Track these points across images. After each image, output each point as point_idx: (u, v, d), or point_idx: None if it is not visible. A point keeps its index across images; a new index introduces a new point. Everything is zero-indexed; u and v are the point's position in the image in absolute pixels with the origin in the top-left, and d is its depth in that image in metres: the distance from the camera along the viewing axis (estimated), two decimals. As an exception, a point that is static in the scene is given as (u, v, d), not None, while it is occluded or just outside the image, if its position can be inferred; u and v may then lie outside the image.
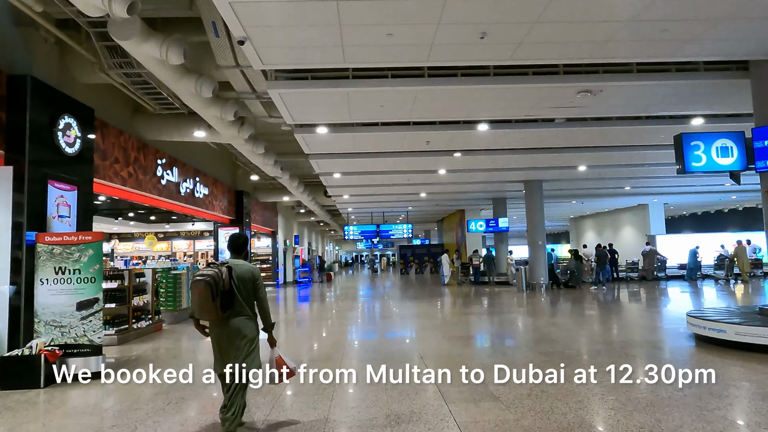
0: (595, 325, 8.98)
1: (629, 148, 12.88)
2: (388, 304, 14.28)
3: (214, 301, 3.56)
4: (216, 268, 3.67)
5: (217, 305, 3.58)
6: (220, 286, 3.58)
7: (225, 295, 3.62)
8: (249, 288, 3.81)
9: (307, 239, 36.55)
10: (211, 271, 3.63)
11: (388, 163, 13.56)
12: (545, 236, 18.04)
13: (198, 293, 3.56)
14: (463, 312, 11.70)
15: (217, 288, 3.56)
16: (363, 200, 22.13)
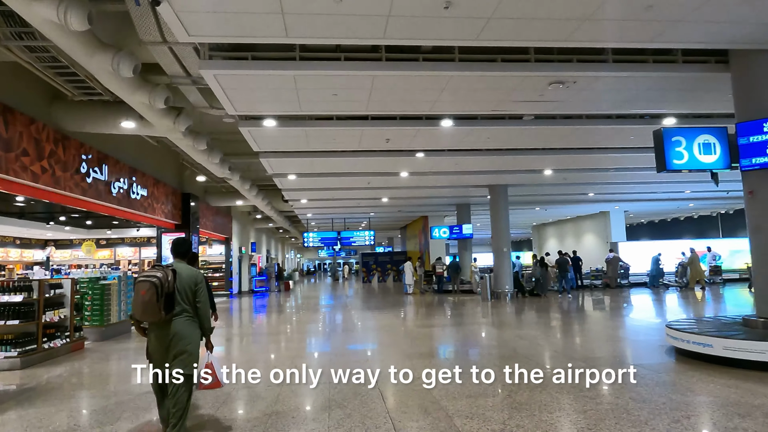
0: (567, 339, 8.28)
1: (596, 150, 12.41)
2: (347, 315, 13.29)
3: (158, 302, 3.62)
4: (162, 270, 3.74)
5: (161, 306, 3.64)
6: (165, 287, 3.65)
7: (169, 297, 3.69)
8: (191, 292, 3.87)
9: (266, 247, 35.10)
10: (158, 272, 3.70)
11: (346, 164, 12.63)
12: (510, 243, 17.47)
13: (143, 294, 3.61)
14: (425, 324, 10.85)
15: (162, 289, 3.63)
16: (322, 205, 21.09)
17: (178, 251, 4.08)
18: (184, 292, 3.83)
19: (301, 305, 17.45)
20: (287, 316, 13.88)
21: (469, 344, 8.08)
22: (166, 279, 3.68)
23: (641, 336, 8.36)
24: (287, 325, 11.76)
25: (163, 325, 3.77)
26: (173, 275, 3.76)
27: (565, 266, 17.20)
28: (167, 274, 3.71)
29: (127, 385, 5.93)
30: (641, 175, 15.94)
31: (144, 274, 3.71)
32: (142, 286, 3.62)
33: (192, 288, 3.87)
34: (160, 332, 3.78)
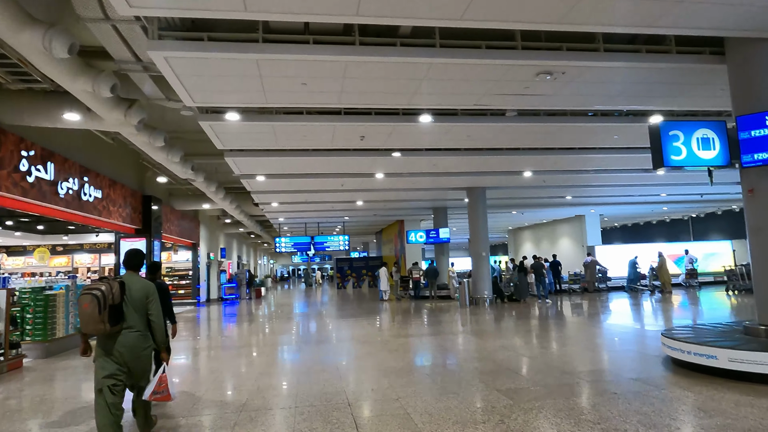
0: (554, 350, 7.73)
1: (578, 151, 12.03)
2: (319, 325, 12.53)
3: (101, 315, 3.60)
4: (107, 283, 3.71)
5: (105, 318, 3.62)
6: (108, 300, 3.63)
7: (114, 309, 3.67)
8: (143, 304, 3.88)
9: (237, 252, 33.95)
10: (102, 285, 3.67)
11: (319, 164, 11.91)
12: (489, 247, 17.00)
13: (85, 307, 3.61)
14: (402, 334, 10.19)
15: (105, 302, 3.61)
16: (295, 209, 20.26)
17: (130, 263, 4.06)
18: (135, 305, 3.85)
19: (270, 314, 16.59)
20: (254, 326, 13.04)
21: (450, 357, 7.46)
22: (110, 291, 3.66)
23: (632, 345, 7.88)
24: (253, 336, 10.94)
25: (110, 338, 3.75)
26: (120, 288, 3.75)
27: (540, 271, 16.78)
28: (112, 286, 3.69)
29: (67, 411, 5.08)
30: (620, 177, 15.69)
31: (87, 287, 3.69)
32: (84, 300, 3.62)
33: (144, 300, 3.89)
34: (107, 345, 3.76)
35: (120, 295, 3.73)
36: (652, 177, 16.04)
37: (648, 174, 15.33)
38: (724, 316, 11.08)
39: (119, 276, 3.96)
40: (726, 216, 30.42)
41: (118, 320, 3.73)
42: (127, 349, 3.76)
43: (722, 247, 24.59)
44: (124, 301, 3.79)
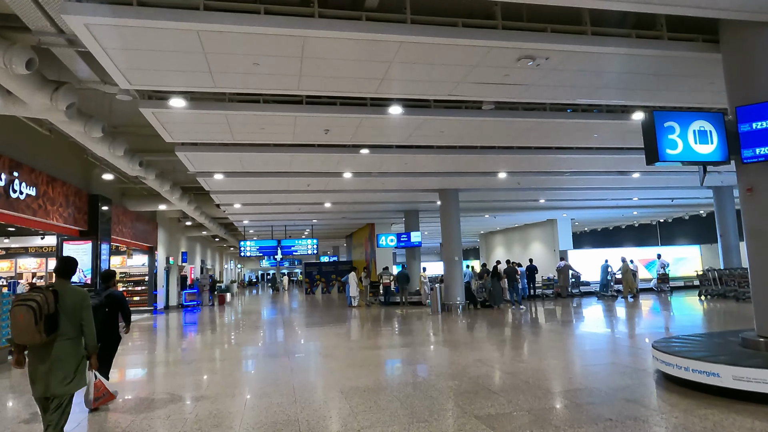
0: (534, 364, 7.07)
1: (554, 151, 11.52)
2: (280, 335, 11.61)
3: (37, 325, 3.55)
4: (41, 292, 3.66)
5: (41, 329, 3.57)
6: (44, 309, 3.59)
7: (49, 318, 3.63)
8: (76, 312, 3.86)
9: (200, 257, 32.52)
10: (37, 295, 3.61)
11: (281, 161, 11.03)
12: (462, 251, 16.38)
13: (20, 318, 3.54)
14: (369, 345, 9.39)
15: (41, 312, 3.56)
16: (259, 211, 19.23)
17: (62, 272, 4.00)
18: (68, 313, 3.81)
19: (230, 322, 15.53)
20: (209, 337, 12.02)
21: (421, 373, 6.70)
22: (45, 301, 3.61)
23: (616, 357, 7.28)
24: (205, 350, 9.96)
25: (44, 348, 3.69)
26: (54, 296, 3.70)
27: (514, 276, 16.24)
28: (47, 296, 3.65)
29: None
30: (595, 180, 15.32)
31: (21, 298, 3.62)
32: (18, 311, 3.54)
33: (77, 308, 3.88)
34: (42, 354, 3.71)
35: (54, 305, 3.69)
36: (626, 180, 15.74)
37: (622, 177, 15.00)
38: (705, 323, 10.69)
39: (51, 285, 3.84)
40: (693, 221, 30.78)
41: (53, 329, 3.68)
42: (57, 358, 3.71)
43: (691, 252, 24.72)
44: (58, 309, 3.73)
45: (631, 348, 7.88)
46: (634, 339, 8.78)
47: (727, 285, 15.76)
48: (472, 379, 6.11)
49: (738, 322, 10.32)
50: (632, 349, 7.80)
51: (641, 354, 7.26)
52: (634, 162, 12.96)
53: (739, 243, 18.21)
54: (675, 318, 11.80)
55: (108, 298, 5.78)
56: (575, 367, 6.67)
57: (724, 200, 18.23)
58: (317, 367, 7.40)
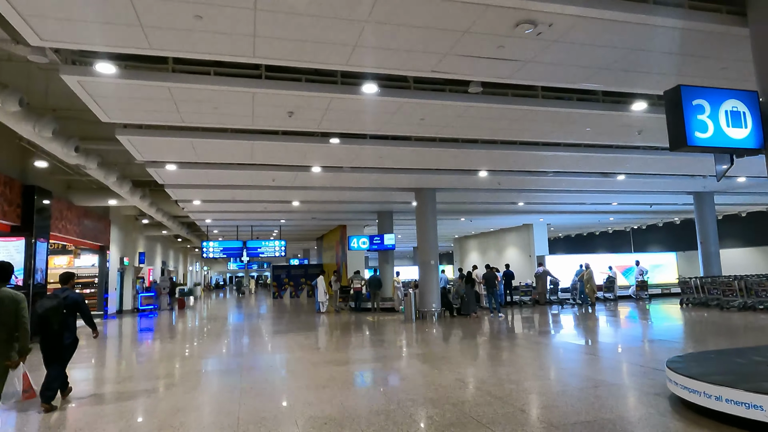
0: (526, 385, 6.09)
1: (540, 147, 10.69)
2: (236, 346, 10.37)
3: None
4: None
5: None
6: None
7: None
8: (11, 316, 4.18)
9: (161, 258, 30.74)
10: None
11: (240, 150, 9.83)
12: (438, 255, 15.42)
13: None
14: (335, 360, 8.29)
15: None
16: (222, 209, 17.86)
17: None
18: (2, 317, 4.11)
19: (185, 330, 14.16)
20: (158, 347, 10.69)
21: (397, 398, 5.63)
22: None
23: (619, 377, 6.38)
24: (147, 364, 8.67)
25: None
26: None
27: (493, 282, 15.33)
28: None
29: None
30: (577, 182, 14.61)
31: None
32: None
33: (12, 312, 4.17)
34: None
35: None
36: (608, 183, 15.10)
37: (605, 179, 14.34)
38: (702, 335, 9.96)
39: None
40: (667, 228, 30.71)
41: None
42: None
43: (667, 259, 24.43)
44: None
45: (633, 365, 6.99)
46: (631, 353, 7.91)
47: (710, 293, 15.24)
48: (456, 406, 5.07)
49: (736, 334, 9.62)
50: (633, 366, 6.91)
51: (647, 374, 6.37)
52: (620, 162, 12.26)
53: (719, 250, 17.83)
54: (665, 328, 11.06)
55: (66, 300, 5.69)
56: (574, 390, 5.72)
57: (705, 206, 17.82)
58: (273, 387, 6.25)
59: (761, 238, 25.11)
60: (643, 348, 8.38)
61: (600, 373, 6.51)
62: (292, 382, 6.54)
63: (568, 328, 11.53)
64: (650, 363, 6.97)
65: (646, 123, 8.84)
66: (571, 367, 6.96)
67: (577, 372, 6.64)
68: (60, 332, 5.57)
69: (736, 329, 10.24)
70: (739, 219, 25.40)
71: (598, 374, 6.47)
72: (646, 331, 10.72)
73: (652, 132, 9.37)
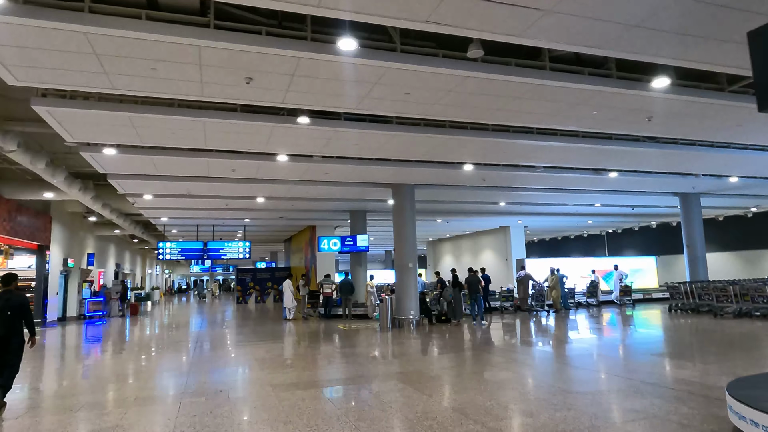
0: (545, 416, 4.85)
1: (534, 136, 9.57)
2: (184, 361, 8.83)
3: None
4: None
5: None
6: None
7: None
8: None
9: (115, 260, 28.50)
10: None
11: (192, 130, 8.32)
12: (417, 258, 14.16)
13: None
14: (300, 382, 6.89)
15: None
16: (177, 205, 16.14)
17: None
18: None
19: (133, 340, 12.44)
20: (91, 362, 9.04)
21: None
22: None
23: (655, 400, 5.21)
24: (71, 387, 7.08)
25: None
26: None
27: (476, 286, 14.14)
28: None
29: None
30: (567, 179, 13.62)
31: None
32: None
33: None
34: None
35: None
36: (598, 181, 14.19)
37: (595, 177, 13.40)
38: (720, 345, 8.96)
39: None
40: (642, 232, 30.38)
41: None
42: None
43: (646, 263, 23.87)
44: None
45: (662, 388, 5.83)
46: (656, 372, 6.78)
47: (701, 299, 14.46)
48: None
49: (757, 345, 8.66)
50: (663, 389, 5.75)
51: (683, 399, 5.21)
52: (615, 157, 11.29)
53: (705, 254, 17.18)
54: (673, 339, 10.07)
55: (10, 303, 5.48)
56: (603, 420, 4.49)
57: (692, 208, 17.15)
58: (219, 424, 4.81)
59: (737, 242, 24.91)
60: (661, 364, 7.27)
61: (633, 399, 5.31)
62: (245, 414, 5.12)
63: (565, 339, 10.41)
64: (682, 385, 5.83)
65: (660, 107, 7.80)
66: (596, 391, 5.75)
67: (606, 399, 5.42)
68: (7, 336, 5.46)
69: (749, 339, 9.30)
70: (716, 223, 25.11)
71: (632, 401, 5.27)
72: (654, 342, 9.69)
73: (663, 119, 8.35)
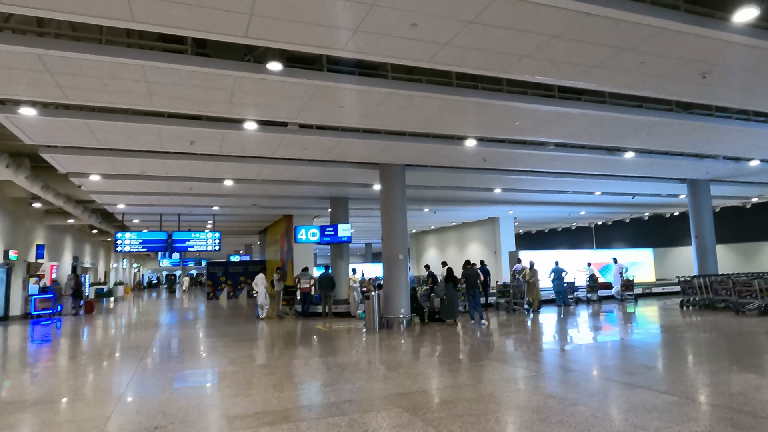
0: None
1: (555, 99, 8.00)
2: (128, 376, 7.00)
3: None
4: None
5: None
6: None
7: None
8: None
9: (73, 252, 26.11)
10: None
11: (129, 78, 6.45)
12: (407, 249, 12.51)
13: None
14: (271, 411, 5.19)
15: None
16: (133, 188, 14.08)
17: None
18: None
19: (72, 345, 10.49)
20: (11, 378, 7.13)
21: None
22: None
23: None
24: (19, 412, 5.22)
25: None
26: None
27: (474, 281, 12.52)
28: None
29: None
30: (576, 159, 12.12)
31: None
32: None
33: None
34: None
35: None
36: (606, 163, 12.77)
37: (607, 158, 11.95)
38: (762, 348, 7.53)
39: None
40: (633, 224, 29.34)
41: None
42: None
43: (643, 256, 22.71)
44: None
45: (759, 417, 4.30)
46: (742, 390, 5.26)
47: (717, 294, 13.17)
48: None
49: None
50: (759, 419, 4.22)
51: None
52: (638, 131, 9.82)
53: (715, 245, 15.98)
54: (716, 343, 8.66)
55: None
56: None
57: (701, 196, 15.88)
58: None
59: (731, 235, 23.96)
60: (727, 378, 5.76)
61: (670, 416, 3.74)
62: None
63: (586, 342, 8.90)
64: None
65: (727, 57, 6.26)
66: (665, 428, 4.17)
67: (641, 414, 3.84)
68: None
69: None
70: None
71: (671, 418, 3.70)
72: (700, 348, 8.23)
73: (721, 76, 6.84)
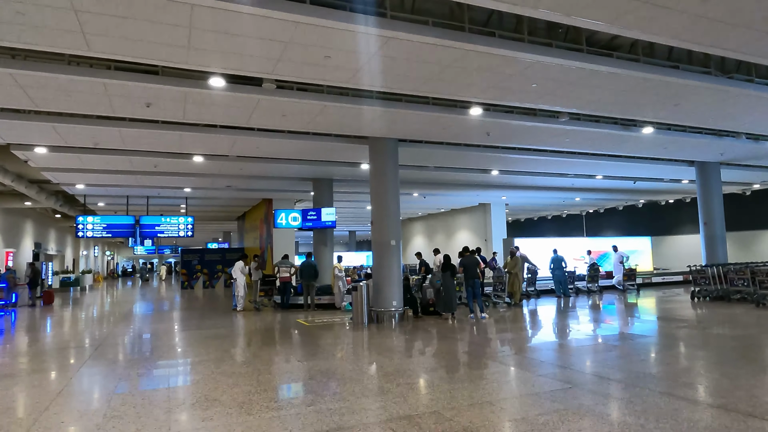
0: None
1: (584, 54, 6.72)
2: (66, 389, 5.58)
3: None
4: None
5: None
6: None
7: None
8: None
9: (33, 239, 24.22)
10: None
11: (58, 14, 4.96)
12: (401, 233, 11.21)
13: None
14: (236, 424, 3.83)
15: None
16: (90, 164, 12.37)
17: None
18: None
19: (14, 345, 8.98)
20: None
21: None
22: None
23: None
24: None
25: None
26: None
27: (474, 270, 11.26)
28: None
29: None
30: (589, 135, 10.90)
31: None
32: None
33: None
34: None
35: None
36: (618, 140, 11.62)
37: (623, 133, 10.78)
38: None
39: None
40: (626, 212, 28.51)
41: None
42: None
43: (640, 244, 21.79)
44: None
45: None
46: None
47: (732, 284, 12.18)
48: None
49: None
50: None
51: None
52: (666, 100, 8.63)
53: (725, 233, 15.02)
54: (755, 341, 7.57)
55: None
56: None
57: (711, 180, 14.87)
58: None
59: (730, 223, 23.14)
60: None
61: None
62: None
63: (615, 345, 7.73)
64: None
65: None
66: None
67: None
68: None
69: None
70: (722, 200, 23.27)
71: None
72: (754, 352, 7.11)
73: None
